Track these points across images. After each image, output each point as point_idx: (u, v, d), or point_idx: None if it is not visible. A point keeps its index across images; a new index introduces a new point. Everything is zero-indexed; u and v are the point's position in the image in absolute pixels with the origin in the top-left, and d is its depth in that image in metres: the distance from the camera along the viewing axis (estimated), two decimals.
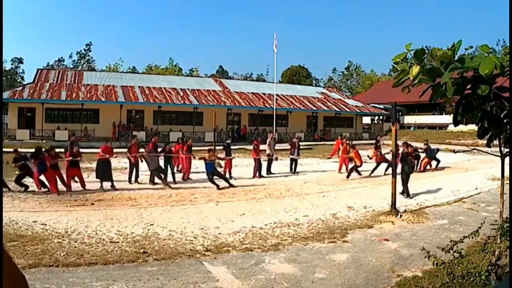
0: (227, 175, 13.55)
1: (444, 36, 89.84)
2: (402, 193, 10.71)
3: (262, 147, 15.52)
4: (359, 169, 14.34)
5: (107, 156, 11.94)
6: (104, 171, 11.68)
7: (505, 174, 4.25)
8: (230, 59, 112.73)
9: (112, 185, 11.67)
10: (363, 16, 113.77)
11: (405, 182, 10.87)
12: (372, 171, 14.81)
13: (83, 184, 11.43)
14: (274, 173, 15.28)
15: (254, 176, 14.35)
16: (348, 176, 14.10)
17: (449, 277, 4.25)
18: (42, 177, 11.01)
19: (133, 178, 12.97)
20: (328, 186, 12.93)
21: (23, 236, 6.78)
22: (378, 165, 15.02)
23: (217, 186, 11.99)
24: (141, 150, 13.72)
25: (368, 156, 15.84)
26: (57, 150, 12.04)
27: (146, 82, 37.34)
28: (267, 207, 9.66)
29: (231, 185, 12.32)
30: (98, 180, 11.72)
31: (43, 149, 11.65)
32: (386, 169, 14.45)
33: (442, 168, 16.58)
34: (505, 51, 48.83)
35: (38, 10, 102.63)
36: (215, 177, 12.14)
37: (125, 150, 13.71)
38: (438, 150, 16.91)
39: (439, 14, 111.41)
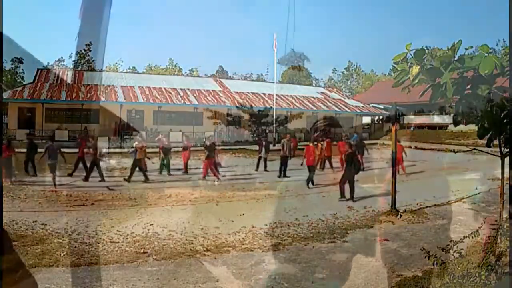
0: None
1: (444, 36, 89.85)
2: (350, 197, 10.19)
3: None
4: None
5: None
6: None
7: (505, 174, 4.24)
8: (230, 59, 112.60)
9: (11, 182, 11.92)
10: (363, 16, 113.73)
11: (352, 184, 10.32)
12: None
13: None
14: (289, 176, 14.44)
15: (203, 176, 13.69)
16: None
17: (449, 277, 4.25)
18: None
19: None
20: (328, 186, 12.91)
21: (23, 236, 6.77)
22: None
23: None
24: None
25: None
26: None
27: (146, 82, 37.27)
28: (267, 207, 9.66)
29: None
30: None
31: None
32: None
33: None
34: (505, 51, 48.72)
35: (38, 10, 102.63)
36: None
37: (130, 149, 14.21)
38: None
39: (439, 14, 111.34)
